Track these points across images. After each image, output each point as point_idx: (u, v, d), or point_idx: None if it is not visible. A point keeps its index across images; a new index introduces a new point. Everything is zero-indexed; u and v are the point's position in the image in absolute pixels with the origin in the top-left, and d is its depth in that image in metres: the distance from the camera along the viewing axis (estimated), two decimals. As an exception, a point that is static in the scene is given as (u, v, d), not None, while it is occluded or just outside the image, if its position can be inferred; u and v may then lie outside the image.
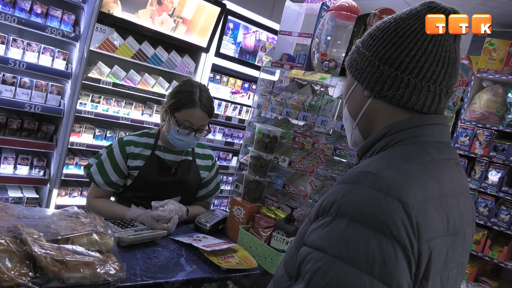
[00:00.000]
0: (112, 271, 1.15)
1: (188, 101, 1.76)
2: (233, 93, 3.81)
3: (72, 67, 2.77)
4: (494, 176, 2.95)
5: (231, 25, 3.55)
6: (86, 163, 1.87)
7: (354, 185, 0.75)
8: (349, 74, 0.95)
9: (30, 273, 1.01)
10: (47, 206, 2.85)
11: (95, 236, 1.20)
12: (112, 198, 1.93)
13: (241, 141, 3.89)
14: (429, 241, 0.73)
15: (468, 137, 3.09)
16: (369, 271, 0.68)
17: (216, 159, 2.09)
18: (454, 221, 0.81)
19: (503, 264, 2.84)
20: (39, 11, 2.62)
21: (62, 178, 2.87)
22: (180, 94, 1.78)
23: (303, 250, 0.77)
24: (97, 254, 1.17)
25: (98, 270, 1.12)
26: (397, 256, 0.69)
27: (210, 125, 3.64)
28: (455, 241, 0.81)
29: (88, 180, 1.85)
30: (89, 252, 1.15)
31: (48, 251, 1.05)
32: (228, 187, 3.92)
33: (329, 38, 1.93)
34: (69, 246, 1.12)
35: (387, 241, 0.68)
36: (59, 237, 1.14)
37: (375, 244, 0.68)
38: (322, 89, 2.28)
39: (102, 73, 2.99)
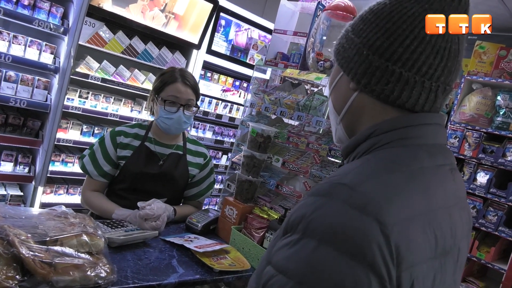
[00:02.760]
0: (103, 274, 1.11)
1: (170, 77, 1.82)
2: (224, 91, 3.77)
3: (60, 61, 2.70)
4: (482, 178, 2.99)
5: (223, 22, 3.51)
6: (81, 154, 1.86)
7: (326, 199, 0.63)
8: (335, 62, 0.82)
9: (17, 276, 0.97)
10: (32, 204, 2.77)
11: (85, 237, 1.16)
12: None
13: (232, 140, 3.86)
14: (412, 268, 0.62)
15: (457, 139, 3.12)
16: None
17: (210, 157, 2.05)
18: (445, 240, 0.69)
19: (490, 265, 2.88)
20: (26, 2, 2.54)
21: (48, 175, 2.79)
22: (162, 76, 1.86)
23: (268, 270, 0.67)
24: (87, 256, 1.13)
25: (89, 272, 1.08)
26: (371, 287, 0.58)
27: (200, 123, 3.64)
28: (445, 262, 0.70)
29: (75, 177, 1.82)
30: (78, 254, 1.11)
31: (36, 253, 1.01)
32: (218, 186, 3.89)
33: (324, 37, 1.91)
34: (58, 248, 1.08)
35: (360, 269, 0.57)
36: (48, 238, 1.09)
37: (346, 272, 0.58)
38: (313, 88, 2.27)
39: (90, 68, 2.92)
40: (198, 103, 1.92)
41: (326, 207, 0.62)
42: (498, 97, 3.01)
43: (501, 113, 3.00)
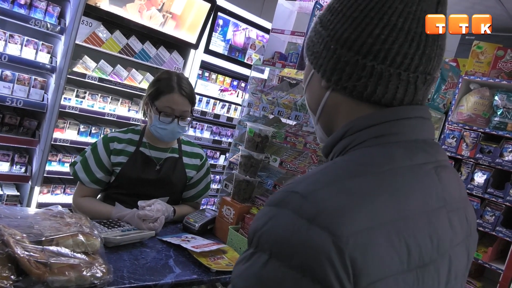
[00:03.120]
0: (99, 274, 1.10)
1: (166, 86, 1.76)
2: (221, 90, 3.77)
3: (56, 61, 2.69)
4: (480, 178, 2.99)
5: (220, 22, 3.51)
6: (72, 160, 1.82)
7: (277, 209, 0.57)
8: (305, 58, 0.75)
9: (12, 276, 0.96)
10: (28, 204, 2.76)
11: (81, 237, 1.15)
12: (98, 196, 1.88)
13: (229, 140, 3.86)
14: (374, 284, 0.54)
15: (455, 139, 3.12)
16: None
17: (206, 158, 2.04)
18: (420, 250, 0.60)
19: (487, 265, 2.88)
20: (22, 1, 2.53)
21: (45, 175, 2.78)
22: (158, 82, 1.79)
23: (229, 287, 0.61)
24: (83, 256, 1.12)
25: (84, 272, 1.07)
26: None
27: (198, 123, 3.63)
28: (423, 275, 0.61)
29: (72, 177, 1.81)
30: (74, 254, 1.10)
31: (31, 253, 1.01)
32: (215, 186, 3.88)
33: (322, 37, 1.91)
34: (53, 248, 1.07)
35: (309, 286, 0.52)
36: (43, 238, 1.09)
37: None
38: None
39: (87, 67, 2.91)
40: (196, 103, 1.90)
41: (276, 218, 0.56)
42: (496, 97, 3.01)
43: (498, 113, 3.00)
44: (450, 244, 0.66)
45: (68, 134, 2.92)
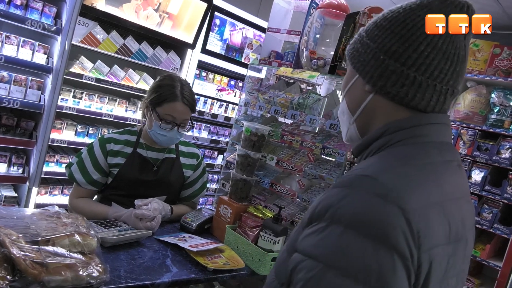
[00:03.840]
0: (95, 273, 1.10)
1: (170, 95, 1.73)
2: (219, 90, 3.76)
3: (53, 62, 2.69)
4: (477, 175, 3.00)
5: (217, 22, 3.50)
6: (68, 162, 1.82)
7: (351, 190, 0.70)
8: (349, 65, 0.88)
9: (8, 277, 0.96)
10: (26, 205, 2.76)
11: (77, 237, 1.15)
12: (95, 198, 1.88)
13: (227, 139, 3.86)
14: (430, 250, 0.68)
15: (452, 137, 3.13)
16: (365, 283, 0.63)
17: (202, 157, 2.04)
18: (457, 228, 0.76)
19: (485, 262, 2.89)
20: (18, 2, 2.53)
21: (42, 176, 2.78)
22: (161, 89, 1.76)
23: (295, 257, 0.73)
24: (80, 256, 1.12)
25: (81, 272, 1.07)
26: (395, 267, 0.64)
27: (196, 123, 3.62)
28: (456, 248, 0.76)
29: (68, 178, 1.80)
30: (71, 253, 1.11)
31: (27, 253, 1.01)
32: (213, 186, 3.88)
33: (318, 36, 1.91)
34: (49, 248, 1.08)
35: (385, 251, 0.63)
36: (39, 238, 1.09)
37: (372, 254, 0.63)
38: (308, 87, 2.26)
39: (84, 68, 2.91)
40: (196, 110, 1.88)
41: (351, 196, 0.68)
42: (493, 95, 3.02)
43: (495, 110, 3.01)
44: (468, 228, 0.81)
45: (66, 134, 2.92)
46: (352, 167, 1.70)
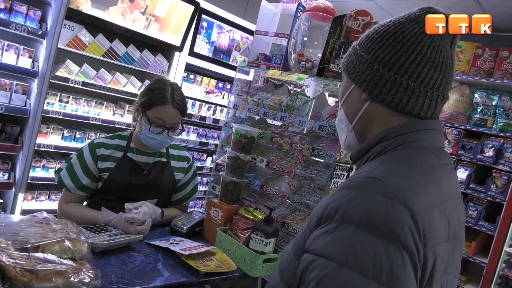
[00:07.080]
0: (87, 279, 1.09)
1: (160, 98, 1.73)
2: (207, 92, 3.76)
3: (38, 65, 2.65)
4: (462, 174, 3.05)
5: (205, 24, 3.50)
6: (57, 167, 1.80)
7: (359, 191, 0.74)
8: (345, 76, 0.94)
9: (-3, 285, 0.95)
10: (12, 211, 2.71)
11: (67, 243, 1.14)
12: (85, 203, 1.86)
13: (216, 141, 3.86)
14: (434, 247, 0.74)
15: (444, 141, 3.18)
16: (376, 279, 0.67)
17: (193, 160, 2.04)
18: (454, 226, 0.82)
19: (471, 259, 2.95)
20: (2, 6, 2.49)
21: (29, 181, 2.73)
22: (152, 92, 1.76)
23: (306, 257, 0.76)
24: (70, 262, 1.11)
25: (72, 278, 1.06)
26: (404, 263, 0.69)
27: (184, 125, 3.61)
28: (454, 246, 0.82)
29: (57, 184, 1.78)
30: (61, 260, 1.09)
31: (17, 261, 0.99)
32: (203, 188, 3.87)
33: (305, 38, 1.93)
34: (39, 255, 1.06)
35: (394, 248, 0.68)
36: (29, 245, 1.07)
37: (383, 251, 0.68)
38: (296, 89, 2.28)
39: (71, 71, 2.88)
40: (186, 114, 1.88)
41: (360, 198, 0.73)
42: (476, 95, 3.08)
43: (478, 110, 3.08)
44: (461, 226, 0.87)
45: (52, 139, 2.88)
46: (351, 171, 1.72)
